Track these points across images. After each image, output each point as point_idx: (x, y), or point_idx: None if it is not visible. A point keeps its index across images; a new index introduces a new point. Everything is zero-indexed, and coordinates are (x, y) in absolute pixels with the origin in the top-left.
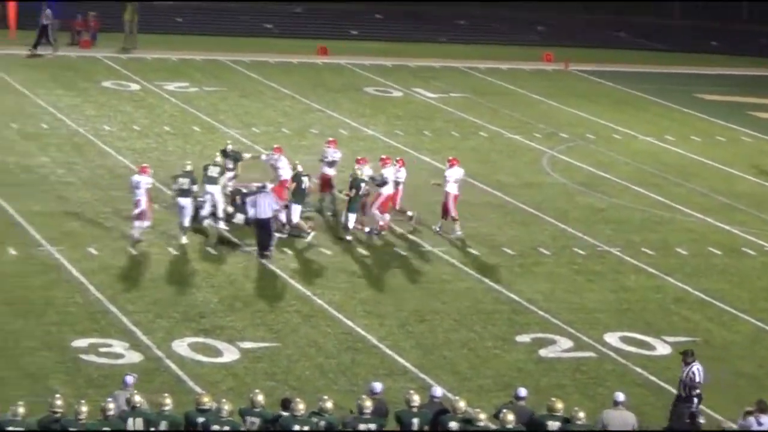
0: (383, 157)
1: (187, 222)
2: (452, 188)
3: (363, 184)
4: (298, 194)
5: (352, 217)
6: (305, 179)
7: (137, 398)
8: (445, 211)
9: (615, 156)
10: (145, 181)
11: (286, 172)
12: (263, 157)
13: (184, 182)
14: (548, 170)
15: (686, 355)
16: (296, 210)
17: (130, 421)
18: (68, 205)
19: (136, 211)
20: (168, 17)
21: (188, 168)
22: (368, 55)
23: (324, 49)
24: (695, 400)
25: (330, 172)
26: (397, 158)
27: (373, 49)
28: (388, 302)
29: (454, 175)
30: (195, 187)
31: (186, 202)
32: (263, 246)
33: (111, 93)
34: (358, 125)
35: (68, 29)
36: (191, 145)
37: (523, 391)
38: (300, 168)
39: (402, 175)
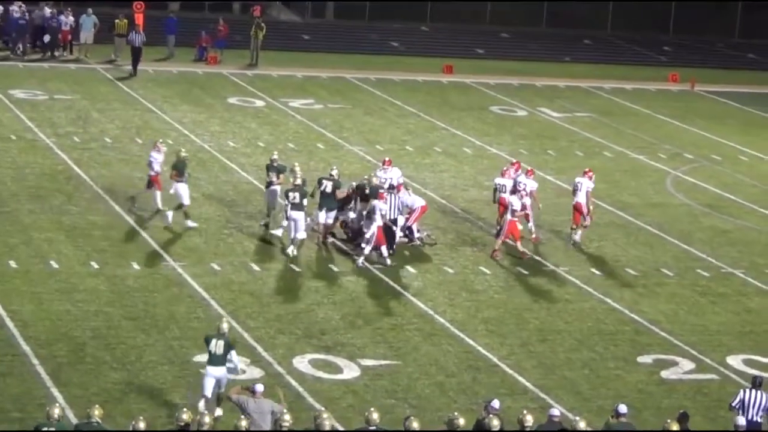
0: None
1: (300, 235)
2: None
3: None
4: (323, 199)
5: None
6: (327, 183)
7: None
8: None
9: (741, 178)
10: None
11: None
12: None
13: (294, 196)
14: (672, 191)
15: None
16: (321, 215)
17: None
18: (192, 219)
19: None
20: (295, 35)
21: (298, 181)
22: (493, 74)
23: (449, 67)
24: None
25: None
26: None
27: (498, 68)
28: (510, 321)
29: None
30: (305, 201)
31: (298, 216)
32: (389, 246)
33: (236, 109)
34: (482, 144)
35: (194, 45)
36: (315, 162)
37: (623, 408)
38: (334, 172)
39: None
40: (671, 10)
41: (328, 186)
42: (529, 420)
